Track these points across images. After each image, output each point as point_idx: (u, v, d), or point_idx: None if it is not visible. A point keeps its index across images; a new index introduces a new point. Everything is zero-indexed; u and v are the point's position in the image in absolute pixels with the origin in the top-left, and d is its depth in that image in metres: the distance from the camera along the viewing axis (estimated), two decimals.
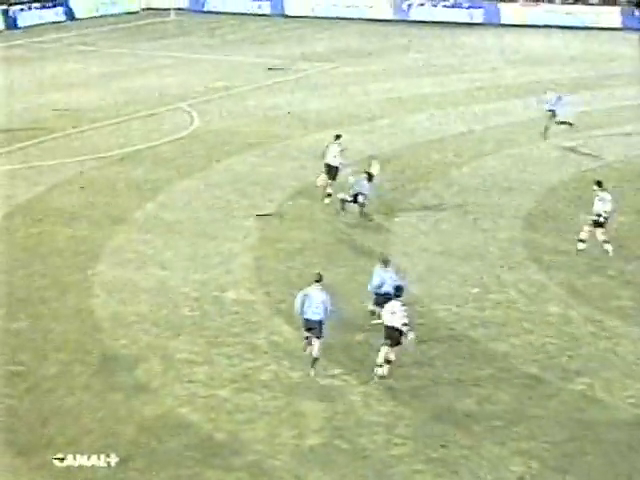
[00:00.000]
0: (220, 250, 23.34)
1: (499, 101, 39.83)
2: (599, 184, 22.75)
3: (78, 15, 65.70)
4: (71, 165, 30.95)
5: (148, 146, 33.14)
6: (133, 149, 32.79)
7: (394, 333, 16.96)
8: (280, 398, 16.49)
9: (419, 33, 59.54)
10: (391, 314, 16.94)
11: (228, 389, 16.79)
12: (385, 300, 17.79)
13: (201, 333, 18.96)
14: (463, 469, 14.51)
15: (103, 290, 21.09)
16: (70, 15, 65.17)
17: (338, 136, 26.83)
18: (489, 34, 59.03)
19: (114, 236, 24.47)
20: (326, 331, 17.28)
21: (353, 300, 20.02)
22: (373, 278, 18.65)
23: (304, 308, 17.20)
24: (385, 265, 18.79)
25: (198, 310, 20.04)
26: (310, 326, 17.25)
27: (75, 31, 61.49)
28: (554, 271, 21.94)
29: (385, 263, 18.85)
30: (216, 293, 20.89)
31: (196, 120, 36.89)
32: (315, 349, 17.21)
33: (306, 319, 17.26)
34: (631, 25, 58.93)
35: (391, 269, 18.76)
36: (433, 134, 34.43)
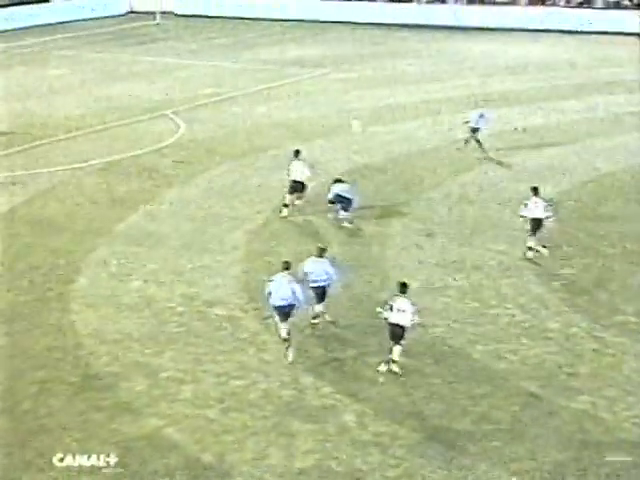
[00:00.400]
0: (207, 263, 23.34)
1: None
2: (535, 190, 23.47)
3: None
4: (52, 175, 30.94)
5: (131, 155, 33.13)
6: (116, 158, 32.77)
7: (398, 330, 17.57)
8: (270, 418, 16.48)
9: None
10: (400, 312, 17.50)
11: (215, 409, 16.77)
12: (321, 292, 19.18)
13: (187, 350, 18.93)
14: None
15: (85, 305, 21.07)
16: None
17: (298, 151, 27.04)
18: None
19: (96, 249, 24.46)
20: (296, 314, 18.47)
21: (343, 313, 20.08)
22: (304, 269, 19.39)
23: (272, 295, 18.34)
24: (320, 255, 19.60)
25: (184, 326, 20.03)
26: (279, 312, 18.38)
27: (57, 35, 61.54)
28: (555, 285, 21.99)
29: (321, 251, 19.72)
30: (203, 308, 20.89)
31: (181, 128, 36.91)
32: (284, 332, 18.37)
33: (274, 306, 18.30)
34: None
35: (326, 259, 19.60)
36: (428, 143, 34.48)
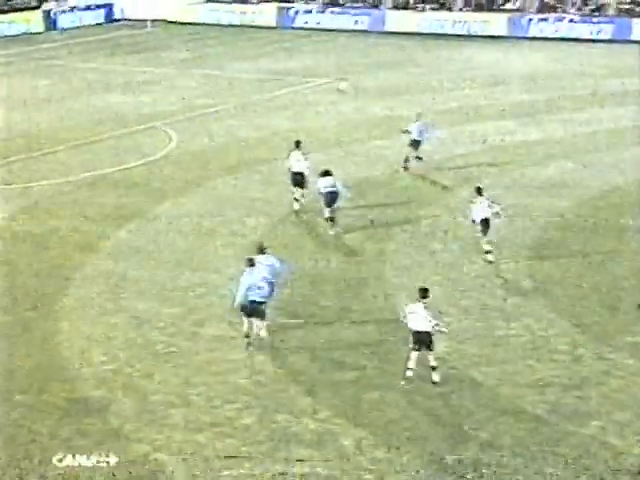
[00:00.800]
0: (198, 281, 23.33)
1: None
2: (478, 190, 24.41)
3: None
4: (38, 189, 30.99)
5: (121, 169, 33.18)
6: (105, 172, 32.83)
7: (424, 337, 17.84)
8: (264, 443, 16.42)
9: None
10: (414, 317, 17.82)
11: (207, 433, 16.72)
12: (252, 306, 19.43)
13: (178, 372, 18.90)
14: None
15: (71, 326, 21.05)
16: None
17: (299, 142, 28.34)
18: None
19: (83, 266, 24.46)
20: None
21: (342, 335, 20.07)
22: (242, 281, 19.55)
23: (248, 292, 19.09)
24: (251, 263, 19.74)
25: (174, 347, 20.00)
26: (252, 311, 19.24)
27: (44, 44, 61.74)
28: (562, 305, 21.99)
29: (254, 257, 19.97)
30: (194, 328, 20.87)
31: (173, 141, 37.00)
32: (263, 331, 19.27)
33: (251, 301, 19.17)
34: None
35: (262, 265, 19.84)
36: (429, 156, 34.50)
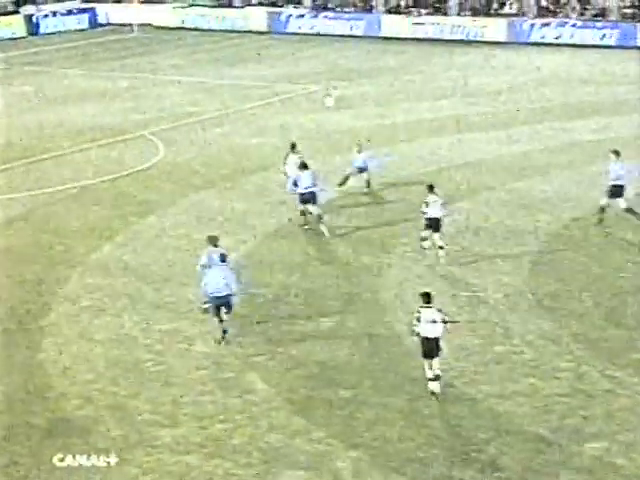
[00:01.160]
0: (187, 297, 23.31)
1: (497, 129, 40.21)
2: (430, 188, 25.15)
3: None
4: (20, 200, 31.00)
5: (106, 179, 33.21)
6: (89, 183, 32.85)
7: (432, 345, 18.11)
8: (256, 465, 16.42)
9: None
10: (431, 323, 18.01)
11: (197, 455, 16.72)
12: (220, 302, 20.31)
13: (166, 391, 18.90)
14: None
15: (54, 343, 21.04)
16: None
17: (294, 145, 28.95)
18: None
19: (67, 281, 24.47)
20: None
21: (339, 353, 20.09)
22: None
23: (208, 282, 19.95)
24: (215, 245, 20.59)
25: (162, 364, 20.00)
26: (218, 303, 20.11)
27: (27, 49, 61.79)
28: (566, 321, 21.99)
29: (213, 240, 20.82)
30: (183, 345, 20.87)
31: (161, 150, 37.03)
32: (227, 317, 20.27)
33: (214, 296, 19.81)
34: None
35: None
36: (428, 165, 34.54)
